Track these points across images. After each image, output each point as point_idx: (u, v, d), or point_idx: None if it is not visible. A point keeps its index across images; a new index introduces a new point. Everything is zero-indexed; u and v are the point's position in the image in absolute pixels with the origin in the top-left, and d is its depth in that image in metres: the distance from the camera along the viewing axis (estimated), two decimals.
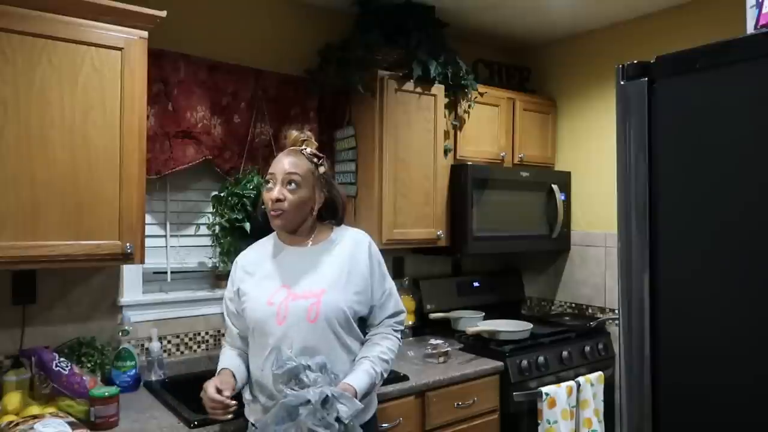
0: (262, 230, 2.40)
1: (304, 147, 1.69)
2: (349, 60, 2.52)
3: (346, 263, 1.67)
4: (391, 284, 1.78)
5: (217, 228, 2.40)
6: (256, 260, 1.72)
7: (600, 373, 2.72)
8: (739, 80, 0.96)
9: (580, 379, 2.62)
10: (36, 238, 1.71)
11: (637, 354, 1.07)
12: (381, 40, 2.55)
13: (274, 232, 1.77)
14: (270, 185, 1.63)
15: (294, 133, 1.72)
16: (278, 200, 1.60)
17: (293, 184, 1.61)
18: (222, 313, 1.83)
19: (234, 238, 2.39)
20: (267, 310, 1.60)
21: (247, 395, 1.70)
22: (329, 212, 1.73)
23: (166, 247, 2.40)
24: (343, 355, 1.62)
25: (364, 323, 1.74)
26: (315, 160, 1.68)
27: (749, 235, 0.94)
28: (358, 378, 1.56)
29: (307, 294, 1.60)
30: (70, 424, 1.61)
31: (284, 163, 1.63)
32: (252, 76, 2.47)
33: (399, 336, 1.76)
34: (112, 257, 1.84)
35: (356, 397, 1.48)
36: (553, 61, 3.34)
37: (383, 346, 1.68)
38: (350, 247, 1.71)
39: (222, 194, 2.39)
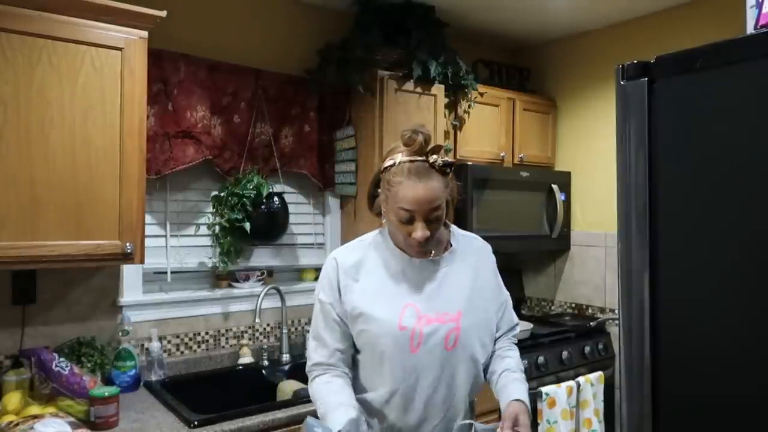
0: (262, 230, 2.42)
1: (435, 159, 1.31)
2: (349, 60, 2.52)
3: (477, 278, 1.45)
4: (507, 293, 1.57)
5: (217, 228, 2.41)
6: (361, 264, 1.42)
7: (600, 373, 2.72)
8: (739, 80, 0.96)
9: (580, 379, 2.62)
10: (36, 238, 1.71)
11: (637, 354, 1.07)
12: (381, 40, 2.55)
13: (380, 232, 1.48)
14: (406, 219, 1.31)
15: (419, 139, 1.30)
16: (426, 239, 1.33)
17: (437, 217, 1.33)
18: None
19: (234, 238, 2.40)
20: (400, 336, 1.33)
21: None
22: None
23: (166, 247, 2.40)
24: (478, 385, 1.44)
25: None
26: (448, 170, 1.33)
27: (749, 234, 0.94)
28: (520, 390, 1.41)
29: (443, 317, 1.36)
30: (70, 424, 1.61)
31: (425, 194, 1.28)
32: (252, 76, 2.47)
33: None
34: (112, 257, 1.84)
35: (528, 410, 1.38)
36: (553, 61, 3.34)
37: (515, 358, 1.51)
38: (476, 258, 1.49)
39: (222, 194, 2.40)
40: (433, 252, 1.40)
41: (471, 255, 1.48)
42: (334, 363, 1.40)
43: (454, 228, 1.51)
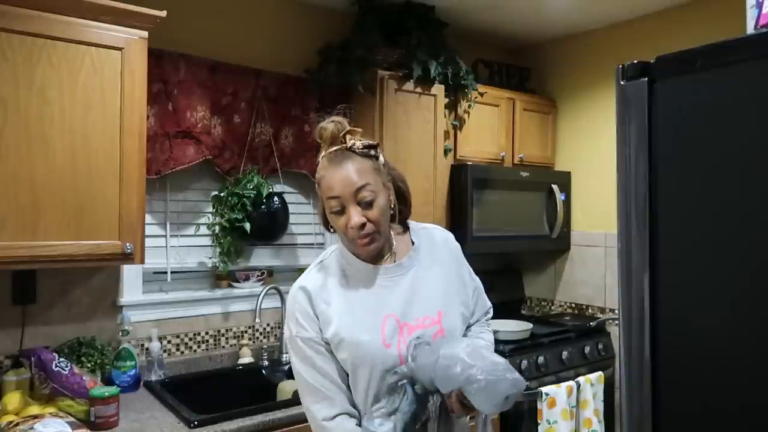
0: (262, 230, 2.42)
1: (352, 143, 1.28)
2: (349, 60, 2.52)
3: (448, 271, 1.40)
4: (477, 279, 1.51)
5: (217, 228, 2.41)
6: (329, 285, 1.33)
7: (600, 373, 2.72)
8: (739, 80, 0.96)
9: (580, 379, 2.62)
10: (36, 238, 1.71)
11: (637, 354, 1.07)
12: (381, 40, 2.55)
13: (334, 249, 1.40)
14: (337, 209, 1.25)
15: (330, 127, 1.28)
16: (362, 225, 1.24)
17: (368, 199, 1.25)
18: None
19: (234, 238, 2.40)
20: (388, 355, 1.25)
21: None
22: (400, 202, 1.37)
23: (166, 247, 2.40)
24: None
25: None
26: (372, 153, 1.29)
27: (750, 234, 0.94)
28: None
29: (424, 322, 1.30)
30: (70, 424, 1.61)
31: (347, 176, 1.23)
32: (252, 76, 2.47)
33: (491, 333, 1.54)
34: (112, 257, 1.84)
35: None
36: (553, 61, 3.34)
37: (486, 341, 1.46)
38: (441, 250, 1.42)
39: (222, 194, 2.40)
40: (379, 244, 1.30)
41: (436, 248, 1.41)
42: (341, 401, 1.28)
43: (412, 224, 1.44)
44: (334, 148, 1.27)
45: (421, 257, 1.38)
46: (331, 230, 1.34)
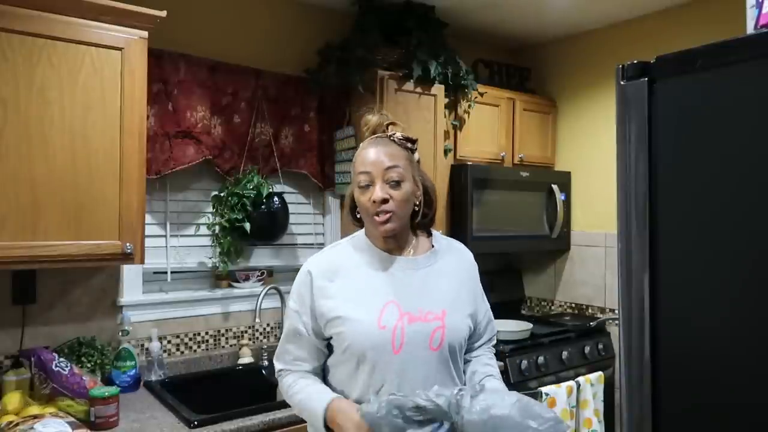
0: (262, 230, 2.42)
1: (392, 132, 1.38)
2: (349, 60, 2.52)
3: (459, 279, 1.43)
4: (487, 303, 1.54)
5: (217, 228, 2.41)
6: (338, 265, 1.38)
7: (600, 373, 2.72)
8: (739, 80, 0.96)
9: (580, 379, 2.62)
10: (36, 238, 1.71)
11: (637, 354, 1.07)
12: (381, 40, 2.55)
13: (355, 235, 1.46)
14: (365, 185, 1.33)
15: (374, 118, 1.40)
16: (384, 200, 1.30)
17: (396, 180, 1.32)
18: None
19: (234, 238, 2.40)
20: (380, 336, 1.28)
21: None
22: (426, 205, 1.42)
23: (166, 247, 2.40)
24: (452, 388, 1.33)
25: None
26: (409, 145, 1.39)
27: (749, 234, 0.94)
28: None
29: (427, 316, 1.32)
30: (70, 424, 1.61)
31: (380, 156, 1.32)
32: (252, 76, 2.47)
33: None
34: (112, 257, 1.84)
35: None
36: (553, 61, 3.34)
37: (495, 367, 1.47)
38: (457, 260, 1.47)
39: (222, 194, 2.40)
40: (395, 226, 1.34)
41: (454, 259, 1.46)
42: (296, 370, 1.42)
43: (436, 233, 1.50)
44: (377, 136, 1.38)
45: (438, 261, 1.42)
46: (358, 214, 1.40)
